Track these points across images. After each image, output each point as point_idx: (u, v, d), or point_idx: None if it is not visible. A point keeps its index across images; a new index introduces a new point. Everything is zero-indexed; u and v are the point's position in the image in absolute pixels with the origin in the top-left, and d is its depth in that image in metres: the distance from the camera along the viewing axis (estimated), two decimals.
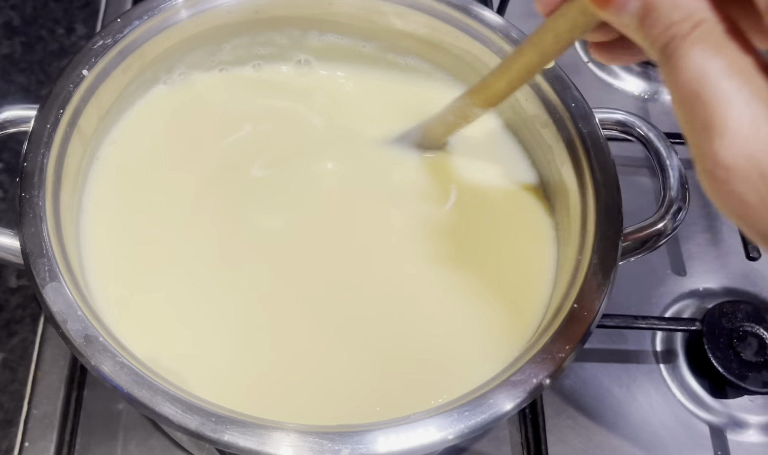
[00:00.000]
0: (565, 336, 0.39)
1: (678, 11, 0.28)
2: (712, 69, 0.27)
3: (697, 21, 0.28)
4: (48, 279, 0.39)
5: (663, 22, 0.28)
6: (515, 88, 0.45)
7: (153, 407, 0.36)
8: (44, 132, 0.43)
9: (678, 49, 0.28)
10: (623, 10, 0.30)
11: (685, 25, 0.28)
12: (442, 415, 0.37)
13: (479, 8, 0.54)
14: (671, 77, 0.28)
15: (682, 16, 0.28)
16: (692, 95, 0.27)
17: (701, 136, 0.27)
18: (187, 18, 0.50)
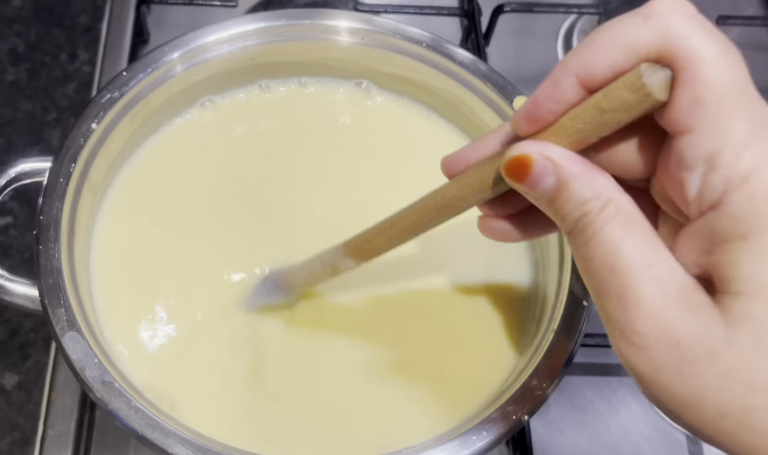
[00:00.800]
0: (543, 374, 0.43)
1: (589, 189, 0.30)
2: (625, 245, 0.29)
3: (607, 199, 0.30)
4: (66, 328, 0.42)
5: (576, 199, 0.30)
6: (395, 245, 0.43)
7: (165, 448, 0.39)
8: (57, 185, 0.46)
9: (590, 224, 0.30)
10: (538, 184, 0.31)
11: (596, 203, 0.30)
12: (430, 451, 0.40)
13: (451, 47, 0.56)
14: (583, 250, 0.30)
15: (594, 195, 0.30)
16: (606, 268, 0.29)
17: (616, 305, 0.29)
18: (187, 69, 0.53)
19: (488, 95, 0.53)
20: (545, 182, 0.31)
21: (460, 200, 0.37)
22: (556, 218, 0.32)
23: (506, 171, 0.32)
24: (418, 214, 0.40)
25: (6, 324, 0.62)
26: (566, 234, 0.31)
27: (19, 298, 0.45)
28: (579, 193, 0.30)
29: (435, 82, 0.56)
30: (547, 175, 0.31)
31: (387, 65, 0.56)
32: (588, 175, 0.30)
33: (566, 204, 0.31)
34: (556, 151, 0.31)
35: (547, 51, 0.82)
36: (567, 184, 0.30)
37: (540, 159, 0.31)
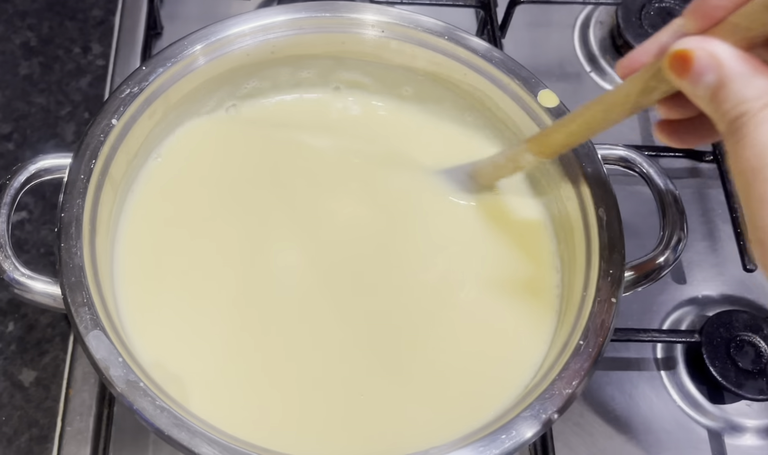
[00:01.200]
0: (572, 372, 0.42)
1: (751, 89, 0.30)
2: None
3: (767, 101, 0.29)
4: (90, 327, 0.41)
5: (735, 97, 0.30)
6: (574, 142, 0.46)
7: (192, 448, 0.39)
8: (78, 182, 0.46)
9: (746, 125, 0.29)
10: (699, 80, 0.31)
11: (755, 104, 0.29)
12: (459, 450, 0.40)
13: (475, 40, 0.55)
14: (735, 149, 0.30)
15: (754, 95, 0.30)
16: (754, 169, 0.29)
17: (757, 207, 0.29)
18: (205, 63, 0.52)
19: (512, 88, 0.53)
20: (706, 79, 0.31)
21: (630, 97, 0.39)
22: (715, 116, 0.31)
23: (669, 65, 0.33)
24: (593, 109, 0.42)
25: (23, 320, 0.61)
26: (724, 135, 0.31)
27: (41, 296, 0.45)
28: (739, 92, 0.30)
29: (456, 75, 0.56)
30: (708, 71, 0.31)
31: (409, 58, 0.56)
32: (751, 75, 0.30)
33: (725, 102, 0.30)
34: (721, 47, 0.31)
35: (563, 42, 0.81)
36: (728, 82, 0.30)
37: (702, 54, 0.31)
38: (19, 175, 0.47)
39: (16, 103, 0.72)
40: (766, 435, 0.60)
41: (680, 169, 0.72)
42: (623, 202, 0.50)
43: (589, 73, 0.79)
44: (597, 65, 0.79)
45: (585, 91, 0.77)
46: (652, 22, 0.77)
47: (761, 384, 0.58)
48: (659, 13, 0.78)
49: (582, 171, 0.50)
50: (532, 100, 0.52)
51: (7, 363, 0.60)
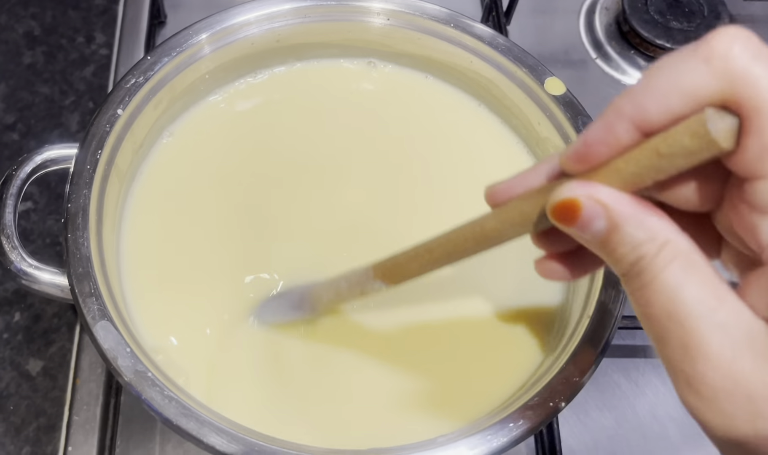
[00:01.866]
0: (579, 361, 0.42)
1: (643, 231, 0.28)
2: (686, 291, 0.27)
3: (663, 241, 0.28)
4: (98, 317, 0.41)
5: (630, 242, 0.29)
6: (427, 272, 0.42)
7: (200, 438, 0.39)
8: (84, 172, 0.46)
9: (647, 269, 0.28)
10: (588, 229, 0.30)
11: (652, 246, 0.28)
12: (467, 438, 0.40)
13: (481, 27, 0.55)
14: (640, 296, 0.29)
15: (649, 236, 0.28)
16: (665, 316, 0.28)
17: (679, 354, 0.27)
18: (212, 52, 0.52)
19: (518, 76, 0.53)
20: (595, 225, 0.29)
21: (500, 233, 0.36)
22: (609, 261, 0.30)
23: (553, 214, 0.31)
24: (454, 243, 0.39)
25: (29, 310, 0.62)
26: (621, 276, 0.30)
27: (48, 287, 0.45)
28: (632, 235, 0.29)
29: (463, 62, 0.55)
30: (597, 218, 0.29)
31: (414, 46, 0.56)
32: (641, 216, 0.28)
33: (619, 247, 0.29)
34: (607, 192, 0.29)
35: (569, 29, 0.81)
36: (619, 226, 0.29)
37: (589, 202, 0.29)
38: (25, 165, 0.47)
39: (19, 92, 0.72)
40: None
41: None
42: None
43: (595, 60, 0.78)
44: (603, 52, 0.78)
45: (590, 77, 0.77)
46: (657, 7, 0.77)
47: None
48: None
49: None
50: (539, 87, 0.52)
51: (14, 353, 0.60)
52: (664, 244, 0.28)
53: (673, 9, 0.77)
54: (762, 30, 0.82)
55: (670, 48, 0.75)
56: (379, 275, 0.44)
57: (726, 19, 0.77)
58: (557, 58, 0.78)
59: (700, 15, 0.77)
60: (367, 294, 0.46)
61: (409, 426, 0.46)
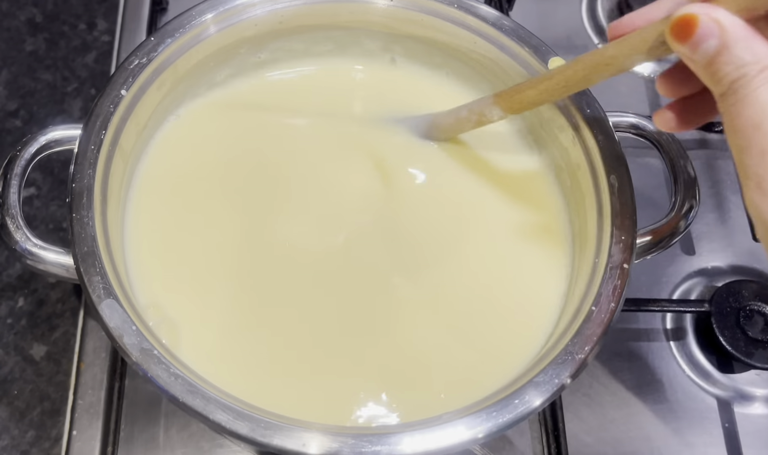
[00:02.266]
0: (584, 338, 0.42)
1: (750, 54, 0.32)
2: None
3: (765, 64, 0.32)
4: (103, 296, 0.41)
5: (736, 61, 0.32)
6: (546, 100, 0.46)
7: (207, 415, 0.39)
8: (89, 152, 0.46)
9: (745, 86, 0.32)
10: (700, 45, 0.33)
11: (754, 67, 0.32)
12: (471, 416, 0.40)
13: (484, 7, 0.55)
14: (734, 109, 0.32)
15: (753, 59, 0.32)
16: (754, 125, 0.31)
17: (757, 160, 0.31)
18: (215, 32, 0.52)
19: (522, 56, 0.53)
20: (708, 44, 0.33)
21: (616, 59, 0.40)
22: (712, 80, 0.34)
23: (671, 29, 0.34)
24: (574, 68, 0.43)
25: (33, 295, 0.62)
26: (718, 96, 0.33)
27: (53, 266, 0.45)
28: (739, 56, 0.32)
29: (467, 44, 0.55)
30: (711, 36, 0.33)
31: (417, 27, 0.56)
32: (751, 41, 0.32)
33: (725, 66, 0.33)
34: (724, 14, 0.33)
35: (570, 14, 0.81)
36: (729, 46, 0.32)
37: (707, 20, 0.33)
38: (30, 146, 0.47)
39: (22, 79, 0.72)
40: None
41: (689, 140, 0.72)
42: (633, 174, 0.50)
43: (597, 45, 0.78)
44: (605, 37, 0.78)
45: None
46: None
47: None
48: None
49: (593, 138, 0.49)
50: (543, 67, 0.52)
51: (18, 338, 0.60)
52: (765, 68, 0.32)
53: None
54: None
55: None
56: (500, 102, 0.48)
57: None
58: (559, 43, 0.78)
59: None
60: (485, 121, 0.50)
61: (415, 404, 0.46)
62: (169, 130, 0.54)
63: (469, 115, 0.51)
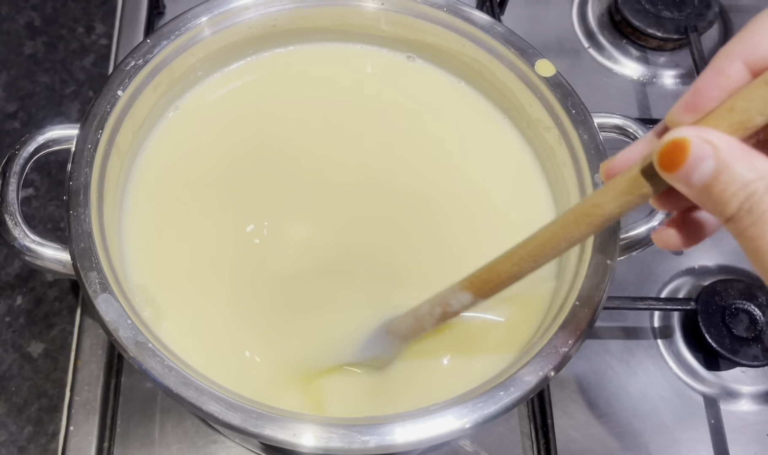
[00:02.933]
0: (568, 332, 0.43)
1: (753, 171, 0.29)
2: None
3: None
4: (99, 290, 0.43)
5: (740, 181, 0.29)
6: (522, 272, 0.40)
7: (200, 406, 0.40)
8: (86, 151, 0.47)
9: (758, 204, 0.29)
10: (694, 171, 0.30)
11: (762, 183, 0.29)
12: (459, 406, 0.41)
13: (470, 10, 0.56)
14: (752, 231, 0.29)
15: (758, 175, 0.29)
16: None
17: None
18: (210, 35, 0.53)
19: (509, 58, 0.54)
20: (703, 167, 0.30)
21: (598, 207, 0.35)
22: (715, 205, 0.30)
23: (660, 158, 0.31)
24: (552, 229, 0.38)
25: (31, 294, 0.63)
26: (727, 221, 0.30)
27: (50, 262, 0.46)
28: (743, 174, 0.29)
29: (455, 46, 0.56)
30: (705, 158, 0.30)
31: (407, 30, 0.57)
32: (749, 156, 0.30)
33: (729, 186, 0.30)
34: (715, 133, 0.30)
35: (561, 19, 0.82)
36: (729, 165, 0.29)
37: (698, 141, 0.30)
38: (28, 145, 0.48)
39: (21, 82, 0.73)
40: (760, 400, 0.61)
41: None
42: None
43: (588, 49, 0.79)
44: (595, 41, 0.80)
45: (583, 66, 0.78)
46: None
47: (756, 350, 0.59)
48: None
49: (578, 138, 0.51)
50: (530, 69, 0.53)
51: (16, 335, 0.61)
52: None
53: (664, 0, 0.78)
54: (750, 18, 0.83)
55: (662, 37, 0.76)
56: (469, 287, 0.42)
57: (716, 9, 0.78)
58: (550, 47, 0.79)
59: (690, 4, 0.78)
60: (450, 314, 0.44)
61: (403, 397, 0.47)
62: (164, 129, 0.55)
63: (431, 309, 0.45)
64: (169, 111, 0.56)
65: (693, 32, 0.75)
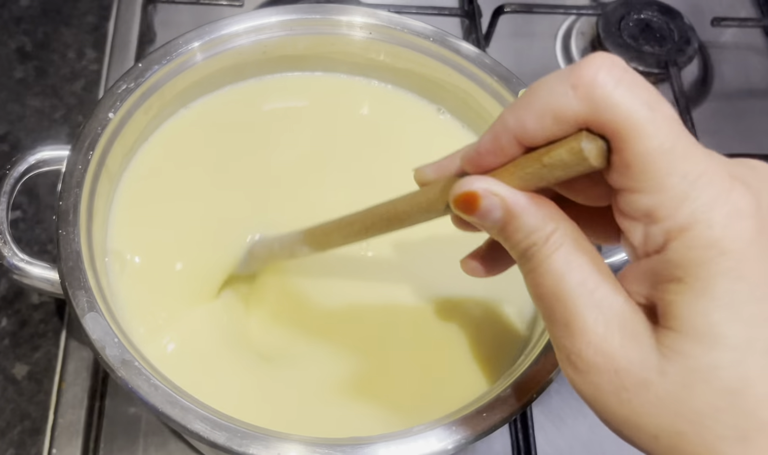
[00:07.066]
0: (551, 355, 0.44)
1: (536, 220, 0.31)
2: (568, 274, 0.30)
3: (552, 229, 0.31)
4: (87, 309, 0.43)
5: (524, 230, 0.31)
6: (348, 243, 0.45)
7: (185, 424, 0.40)
8: (76, 172, 0.47)
9: (537, 253, 0.31)
10: (487, 217, 0.32)
11: (542, 233, 0.31)
12: (442, 427, 0.41)
13: (456, 40, 0.57)
14: (533, 277, 0.32)
15: (541, 225, 0.31)
16: (552, 296, 0.31)
17: (562, 331, 0.31)
18: (201, 60, 0.54)
19: (494, 87, 0.55)
20: (494, 215, 0.32)
21: (408, 215, 0.39)
22: (507, 246, 0.33)
23: (455, 204, 0.33)
24: (371, 219, 0.42)
25: (16, 316, 0.63)
26: (517, 261, 0.33)
27: (39, 281, 0.46)
28: (526, 223, 0.31)
29: (441, 75, 0.58)
30: (494, 208, 0.32)
31: (395, 59, 0.58)
32: (533, 208, 0.31)
33: (514, 234, 0.32)
34: (502, 187, 0.32)
35: (545, 51, 0.84)
36: (514, 215, 0.32)
37: (486, 194, 0.32)
38: (19, 165, 0.48)
39: (11, 105, 0.74)
40: None
41: None
42: None
43: None
44: None
45: None
46: (630, 32, 0.80)
47: None
48: (638, 24, 0.81)
49: None
50: (513, 97, 0.54)
51: (0, 357, 0.61)
52: (552, 232, 0.31)
53: (645, 34, 0.80)
54: (729, 54, 0.85)
55: (643, 71, 0.78)
56: (308, 240, 0.47)
57: (695, 44, 0.80)
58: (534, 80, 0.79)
59: (671, 40, 0.80)
60: (295, 256, 0.49)
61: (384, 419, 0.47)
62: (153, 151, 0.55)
63: (281, 248, 0.51)
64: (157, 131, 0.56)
65: (673, 66, 0.77)
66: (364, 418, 0.47)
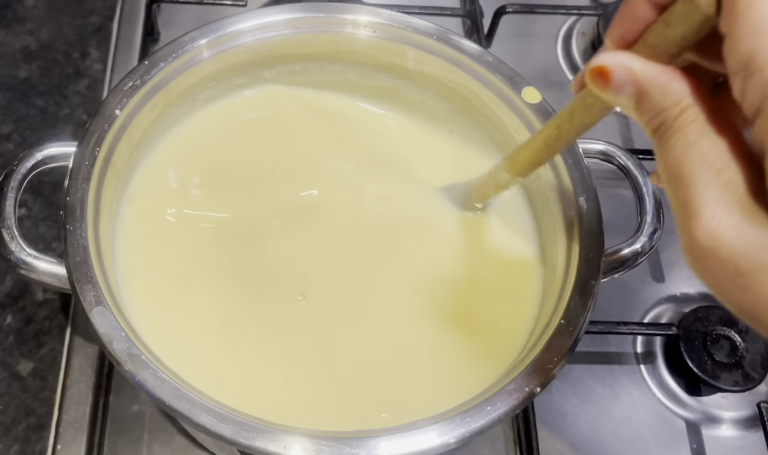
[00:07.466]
0: (554, 349, 0.44)
1: (668, 97, 0.31)
2: (693, 155, 0.29)
3: (684, 107, 0.30)
4: (94, 303, 0.43)
5: (654, 107, 0.31)
6: (540, 160, 0.47)
7: (192, 417, 0.40)
8: (83, 168, 0.48)
9: (666, 132, 0.31)
10: (620, 92, 0.33)
11: (674, 110, 0.31)
12: (445, 421, 0.42)
13: (459, 39, 0.58)
14: (660, 157, 0.31)
15: (671, 103, 0.31)
16: (675, 176, 0.30)
17: (681, 213, 0.30)
18: (206, 58, 0.54)
19: (497, 85, 0.55)
20: (626, 91, 0.32)
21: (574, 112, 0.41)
22: (641, 123, 0.33)
23: (590, 81, 0.34)
24: (549, 128, 0.44)
25: (21, 313, 0.63)
26: (651, 140, 0.32)
27: (46, 276, 0.47)
28: (657, 100, 0.31)
29: (444, 73, 0.58)
30: (626, 84, 0.32)
31: (398, 57, 0.58)
32: (666, 83, 0.31)
33: (646, 112, 0.32)
34: (634, 60, 0.32)
35: (547, 52, 0.84)
36: (646, 91, 0.32)
37: (618, 69, 0.32)
38: (26, 161, 0.48)
39: (15, 104, 0.74)
40: (741, 426, 0.62)
41: None
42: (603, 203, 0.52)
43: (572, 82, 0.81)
44: None
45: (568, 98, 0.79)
46: None
47: (736, 376, 0.60)
48: None
49: (564, 162, 0.52)
50: (516, 96, 0.55)
51: (6, 354, 0.61)
52: (684, 109, 0.31)
53: None
54: None
55: None
56: (507, 166, 0.50)
57: None
58: (535, 79, 0.81)
59: None
60: (502, 186, 0.52)
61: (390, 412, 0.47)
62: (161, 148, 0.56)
63: (489, 180, 0.53)
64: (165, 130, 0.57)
65: None
66: (368, 411, 0.48)
